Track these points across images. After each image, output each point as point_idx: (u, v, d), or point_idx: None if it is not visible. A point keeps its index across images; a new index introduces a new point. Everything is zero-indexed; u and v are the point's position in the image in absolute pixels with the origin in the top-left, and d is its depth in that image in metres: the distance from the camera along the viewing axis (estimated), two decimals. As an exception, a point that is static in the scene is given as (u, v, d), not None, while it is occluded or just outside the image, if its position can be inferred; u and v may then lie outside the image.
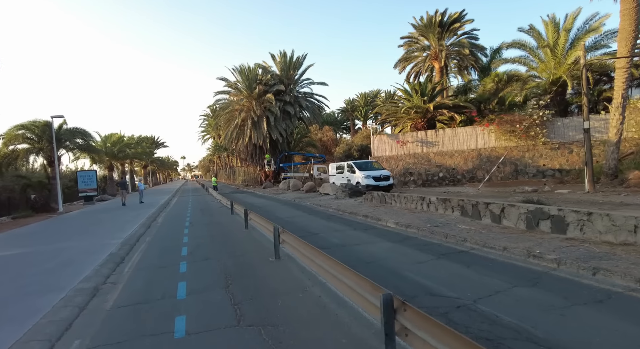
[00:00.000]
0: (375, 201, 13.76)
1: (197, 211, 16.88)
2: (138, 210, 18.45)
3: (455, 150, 25.02)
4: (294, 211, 14.38)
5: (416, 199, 11.30)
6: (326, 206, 14.63)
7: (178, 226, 12.21)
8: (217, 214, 15.36)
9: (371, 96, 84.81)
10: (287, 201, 19.12)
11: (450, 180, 24.92)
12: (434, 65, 30.65)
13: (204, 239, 9.44)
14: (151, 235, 10.68)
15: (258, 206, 17.66)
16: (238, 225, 11.59)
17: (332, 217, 12.12)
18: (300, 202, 17.83)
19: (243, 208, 11.30)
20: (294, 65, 38.23)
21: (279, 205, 17.41)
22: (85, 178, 26.50)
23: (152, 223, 13.55)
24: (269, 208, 16.48)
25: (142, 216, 15.06)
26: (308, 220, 11.91)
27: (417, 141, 25.95)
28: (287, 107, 36.48)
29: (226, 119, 39.12)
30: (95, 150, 24.20)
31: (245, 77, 36.86)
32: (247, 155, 39.14)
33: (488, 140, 24.30)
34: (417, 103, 24.85)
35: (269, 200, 21.38)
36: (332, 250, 7.22)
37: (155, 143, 77.34)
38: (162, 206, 20.41)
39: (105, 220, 14.95)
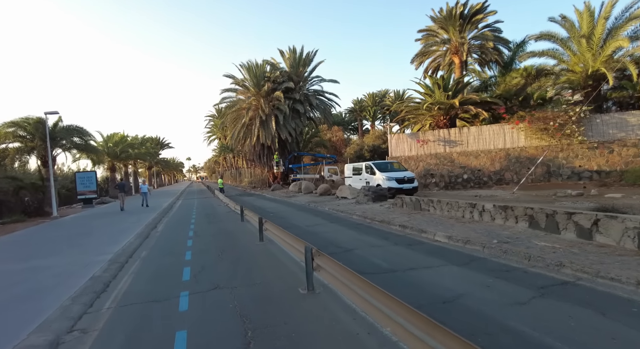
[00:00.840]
0: (407, 207, 11.95)
1: (202, 217, 15.17)
2: (138, 214, 16.79)
3: (481, 150, 23.12)
4: (313, 218, 12.60)
5: (463, 206, 9.47)
6: (349, 213, 12.83)
7: (180, 237, 10.48)
8: (225, 220, 13.63)
9: (379, 96, 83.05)
10: (302, 206, 17.35)
11: (475, 182, 23.03)
12: (454, 60, 28.76)
13: (211, 255, 7.68)
14: (148, 249, 8.95)
15: (270, 211, 15.91)
16: (250, 235, 9.84)
17: (361, 227, 10.32)
18: (317, 207, 16.06)
19: (256, 216, 9.56)
20: (304, 62, 36.54)
21: (293, 210, 15.64)
22: (84, 179, 24.94)
23: (151, 231, 11.84)
24: (283, 213, 14.72)
25: (141, 223, 13.37)
26: (332, 229, 10.12)
27: (438, 140, 24.09)
28: (297, 105, 34.78)
29: (233, 118, 37.51)
30: (94, 150, 22.61)
31: (253, 74, 35.24)
32: (255, 155, 37.47)
33: (517, 139, 22.38)
34: (440, 98, 22.99)
35: (281, 203, 19.63)
36: (381, 277, 5.43)
37: (160, 144, 76.08)
38: (164, 210, 18.73)
39: (100, 227, 13.27)
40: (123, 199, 18.55)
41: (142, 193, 20.51)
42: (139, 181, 67.08)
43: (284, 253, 7.36)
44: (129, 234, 10.94)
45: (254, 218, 10.36)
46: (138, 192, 43.41)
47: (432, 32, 29.56)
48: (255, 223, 10.23)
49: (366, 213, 11.96)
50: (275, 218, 13.15)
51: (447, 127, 24.25)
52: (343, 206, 14.87)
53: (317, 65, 37.10)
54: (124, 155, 36.60)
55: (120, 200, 18.60)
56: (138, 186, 47.73)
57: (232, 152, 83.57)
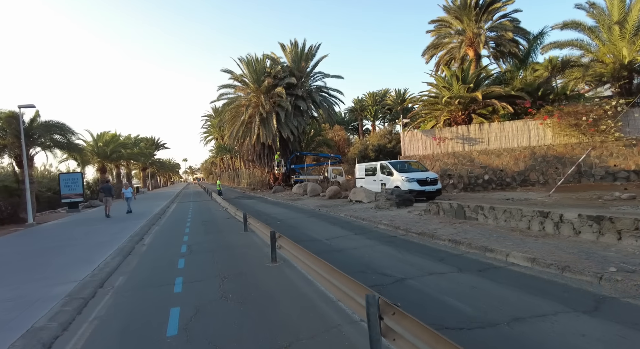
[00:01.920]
0: (445, 214, 9.93)
1: (198, 225, 13.09)
2: (124, 222, 14.67)
3: (503, 149, 21.17)
4: (331, 228, 10.56)
5: (529, 214, 7.45)
6: (372, 221, 10.80)
7: (170, 253, 8.40)
8: (225, 230, 11.56)
9: (380, 95, 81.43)
10: (312, 211, 15.31)
11: (497, 184, 21.07)
12: (468, 53, 26.85)
13: (209, 287, 5.63)
14: (127, 273, 6.88)
15: (276, 217, 13.85)
16: (258, 252, 7.80)
17: (395, 240, 8.29)
18: (330, 213, 14.01)
19: (266, 228, 7.54)
20: (307, 56, 34.53)
21: (303, 217, 13.58)
22: (68, 181, 22.77)
23: (136, 245, 9.75)
24: (292, 221, 12.66)
25: (126, 234, 11.27)
26: (361, 244, 8.09)
27: (456, 138, 22.12)
28: (299, 102, 32.77)
29: (231, 116, 35.41)
30: (78, 149, 20.41)
31: (253, 69, 33.17)
32: (255, 155, 35.37)
33: (543, 136, 20.45)
34: (460, 92, 21.03)
35: (286, 208, 17.56)
36: (476, 337, 3.40)
37: (155, 144, 73.81)
38: (155, 216, 16.62)
39: (77, 238, 11.15)
40: (109, 204, 16.37)
41: (126, 198, 18.25)
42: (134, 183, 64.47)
43: (307, 282, 5.35)
44: (108, 249, 8.86)
45: (261, 230, 8.33)
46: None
47: (444, 23, 27.62)
48: (262, 235, 8.23)
49: (395, 222, 9.94)
50: (285, 227, 11.10)
51: (465, 123, 22.30)
52: (361, 212, 12.83)
53: (320, 60, 35.14)
54: (116, 155, 34.39)
55: (106, 205, 16.40)
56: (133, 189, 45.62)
57: (230, 153, 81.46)
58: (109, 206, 16.28)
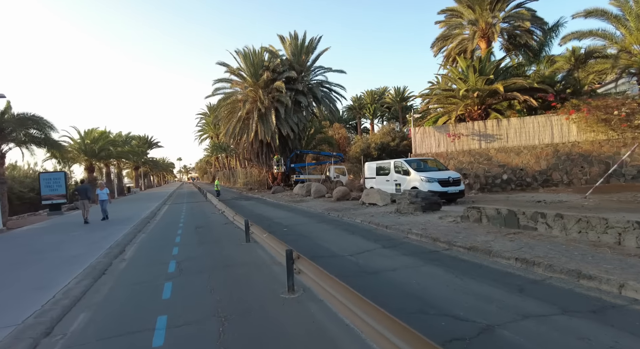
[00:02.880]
0: (490, 222, 8.23)
1: (191, 233, 11.28)
2: (107, 228, 12.83)
3: (524, 146, 19.58)
4: (350, 238, 8.83)
5: (621, 225, 5.76)
6: (398, 229, 9.08)
7: (155, 275, 6.61)
8: (223, 239, 9.77)
9: (378, 94, 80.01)
10: (321, 216, 13.56)
11: (517, 184, 19.47)
12: (480, 45, 25.22)
13: (206, 338, 3.86)
14: (91, 308, 5.07)
15: (281, 223, 12.08)
16: (267, 273, 6.07)
17: (440, 257, 6.58)
18: (342, 218, 12.26)
19: (280, 245, 5.81)
20: (307, 49, 32.75)
21: (312, 223, 11.83)
22: (49, 181, 20.80)
23: (113, 260, 7.94)
24: (300, 228, 10.90)
25: (105, 244, 9.46)
26: (398, 264, 6.37)
27: (472, 134, 20.49)
28: (299, 97, 30.99)
29: (227, 112, 33.55)
30: (56, 145, 18.48)
31: (250, 62, 31.33)
32: (252, 154, 33.53)
33: (567, 133, 18.89)
34: (477, 85, 19.38)
35: (290, 211, 15.78)
36: None
37: (149, 142, 71.58)
38: (144, 221, 14.78)
39: (43, 251, 9.30)
40: (86, 208, 14.41)
41: (100, 201, 15.38)
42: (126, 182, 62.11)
43: (350, 333, 3.59)
44: (77, 266, 7.06)
45: (270, 244, 6.57)
46: (121, 195, 39.13)
47: (455, 13, 25.94)
48: (270, 248, 6.52)
49: (430, 232, 8.22)
50: (294, 236, 9.35)
51: (481, 118, 20.67)
52: (380, 217, 11.11)
53: (321, 54, 33.37)
54: (104, 153, 32.40)
55: (83, 210, 14.42)
56: (126, 189, 43.36)
57: (225, 152, 79.40)
58: (86, 210, 14.32)
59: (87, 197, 14.48)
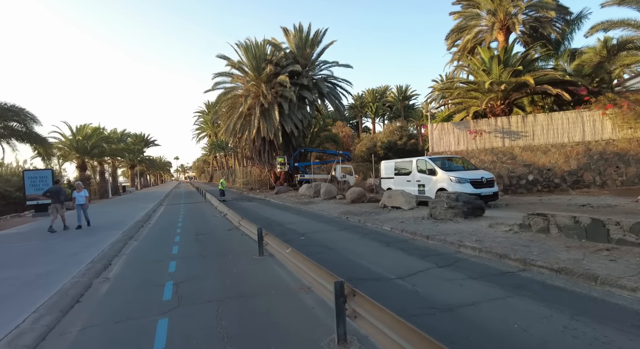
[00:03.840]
0: (562, 232, 6.64)
1: (190, 242, 9.63)
2: (93, 235, 11.16)
3: (551, 144, 18.04)
4: (387, 252, 7.21)
5: None
6: (444, 240, 7.48)
7: (145, 307, 4.97)
8: (230, 251, 8.12)
9: (379, 92, 78.63)
10: (339, 221, 11.93)
11: (544, 185, 17.94)
12: (498, 38, 23.68)
13: None
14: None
15: (294, 229, 10.45)
16: (297, 307, 4.45)
17: (532, 286, 4.97)
18: (365, 223, 10.64)
19: (316, 269, 4.22)
20: (312, 42, 31.10)
21: (332, 230, 10.20)
22: (35, 180, 19.06)
23: (93, 281, 6.28)
24: (320, 236, 9.27)
25: (87, 256, 7.80)
26: (477, 296, 4.77)
27: (495, 131, 18.93)
28: (304, 93, 29.35)
29: (228, 108, 31.88)
30: (40, 140, 16.72)
31: (252, 55, 29.64)
32: (254, 152, 31.84)
33: (601, 130, 17.37)
34: (502, 77, 17.80)
35: (301, 215, 14.14)
36: None
37: (145, 140, 69.65)
38: (137, 225, 13.11)
39: (8, 266, 7.61)
40: (57, 213, 12.08)
41: (76, 205, 12.65)
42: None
43: None
44: (43, 291, 5.42)
45: (295, 262, 4.96)
46: (115, 194, 37.28)
47: (472, 3, 24.41)
48: (292, 267, 4.93)
49: (487, 244, 6.63)
50: (315, 247, 7.73)
51: (504, 114, 19.11)
52: (413, 224, 9.51)
53: (326, 47, 31.74)
54: (98, 150, 30.62)
55: (53, 215, 12.09)
56: (125, 188, 41.51)
57: (224, 150, 77.67)
58: (59, 216, 12.10)
59: (59, 201, 12.10)
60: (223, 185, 25.02)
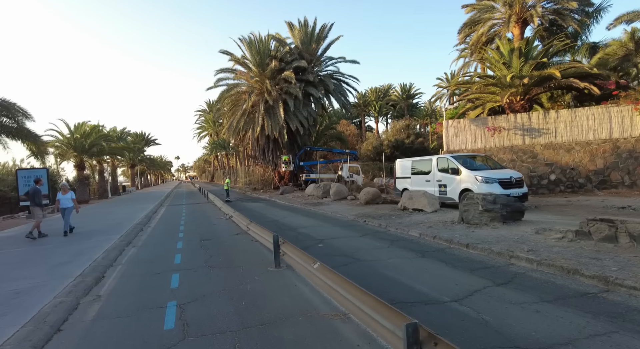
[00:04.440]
0: (636, 243, 5.60)
1: (195, 250, 8.61)
2: (85, 240, 10.16)
3: (575, 142, 17.00)
4: (427, 265, 6.20)
5: None
6: (487, 250, 6.47)
7: (144, 342, 3.95)
8: (241, 261, 7.10)
9: (382, 91, 77.66)
10: (357, 225, 10.92)
11: (567, 185, 16.90)
12: (513, 31, 22.61)
13: None
14: None
15: (310, 235, 9.42)
16: (335, 339, 3.39)
17: (626, 313, 3.95)
18: (388, 228, 9.61)
19: (381, 310, 3.17)
20: (318, 37, 30.06)
21: (352, 236, 9.18)
22: (29, 179, 18.06)
23: (81, 300, 5.26)
24: (342, 244, 8.25)
25: (73, 270, 6.80)
26: (566, 328, 3.75)
27: (514, 128, 17.89)
28: (310, 89, 28.33)
29: (230, 105, 30.85)
30: (31, 136, 15.68)
31: (256, 51, 28.61)
32: (258, 150, 30.82)
33: (630, 126, 16.30)
34: (523, 71, 16.75)
35: (313, 218, 13.11)
36: None
37: (145, 139, 68.66)
38: (135, 228, 12.11)
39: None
40: (37, 217, 10.65)
41: (61, 209, 10.90)
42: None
43: None
44: (12, 319, 4.40)
45: (331, 284, 3.95)
46: (113, 195, 36.26)
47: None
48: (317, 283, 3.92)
49: (544, 256, 5.62)
50: (338, 258, 6.72)
51: (524, 110, 18.06)
52: (443, 229, 8.50)
53: (332, 42, 30.75)
54: (96, 149, 29.62)
55: (34, 219, 10.80)
56: (127, 188, 40.51)
57: (225, 150, 76.66)
58: (37, 221, 10.60)
59: (36, 204, 10.63)
60: (228, 184, 23.98)
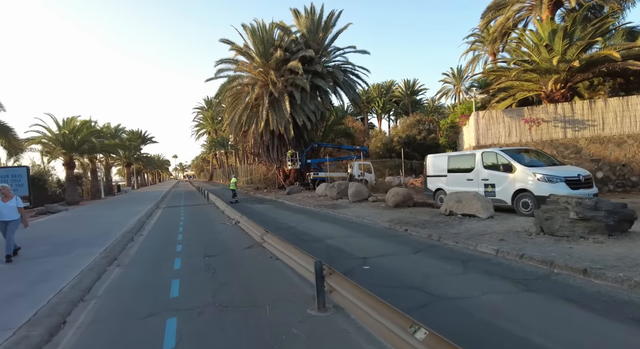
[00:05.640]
0: None
1: (198, 273, 6.55)
2: (47, 259, 8.09)
3: (627, 134, 15.02)
4: (573, 317, 4.14)
5: None
6: (609, 278, 4.46)
7: None
8: (264, 292, 5.05)
9: (385, 87, 75.74)
10: (399, 237, 8.87)
11: (617, 184, 14.94)
12: (542, 16, 20.57)
13: None
14: None
15: (343, 250, 7.36)
16: None
17: None
18: (444, 242, 7.56)
19: None
20: (325, 25, 27.96)
21: (407, 255, 7.12)
22: (6, 179, 15.98)
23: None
24: (397, 267, 6.19)
25: (36, 301, 4.73)
26: None
27: (554, 120, 15.88)
28: (317, 81, 26.25)
29: (232, 98, 28.72)
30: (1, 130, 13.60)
31: (259, 39, 26.48)
32: (262, 147, 28.74)
33: (692, 117, 14.34)
34: (567, 55, 14.73)
35: (338, 224, 11.06)
36: None
37: (142, 137, 66.41)
38: (123, 239, 10.03)
39: None
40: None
41: (1, 223, 7.52)
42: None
43: None
44: None
45: None
46: (117, 193, 34.08)
47: (514, -26, 21.32)
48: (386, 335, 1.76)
49: None
50: (403, 290, 4.68)
51: (565, 99, 16.05)
52: (523, 244, 6.48)
53: (340, 31, 28.54)
54: (87, 146, 27.46)
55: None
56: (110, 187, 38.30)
57: (224, 148, 74.46)
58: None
59: None
60: (235, 184, 21.77)
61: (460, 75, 62.71)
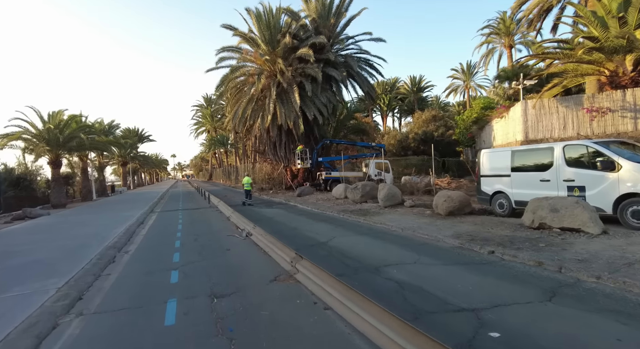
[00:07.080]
0: None
1: (208, 336, 4.02)
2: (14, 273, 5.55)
3: None
4: None
5: None
6: None
7: None
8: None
9: (389, 84, 73.32)
10: (489, 263, 6.37)
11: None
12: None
13: None
14: None
15: (427, 289, 4.84)
16: None
17: None
18: (573, 275, 5.10)
19: None
20: (337, 10, 25.45)
21: (535, 304, 4.62)
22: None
23: None
24: (546, 338, 3.72)
25: None
26: None
27: (622, 109, 13.41)
28: (329, 70, 23.72)
29: (235, 90, 26.16)
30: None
31: (265, 25, 23.94)
32: (268, 144, 26.21)
33: None
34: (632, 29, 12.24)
35: (387, 241, 8.53)
36: None
37: (139, 135, 63.80)
38: (88, 271, 7.51)
39: None
40: None
41: None
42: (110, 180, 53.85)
43: None
44: None
45: None
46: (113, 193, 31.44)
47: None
48: None
49: None
50: None
51: (635, 85, 13.58)
52: None
53: (354, 17, 26.06)
54: (75, 143, 24.87)
55: None
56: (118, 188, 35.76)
57: (224, 146, 71.85)
58: None
59: None
60: (248, 184, 18.95)
61: (470, 71, 60.39)
